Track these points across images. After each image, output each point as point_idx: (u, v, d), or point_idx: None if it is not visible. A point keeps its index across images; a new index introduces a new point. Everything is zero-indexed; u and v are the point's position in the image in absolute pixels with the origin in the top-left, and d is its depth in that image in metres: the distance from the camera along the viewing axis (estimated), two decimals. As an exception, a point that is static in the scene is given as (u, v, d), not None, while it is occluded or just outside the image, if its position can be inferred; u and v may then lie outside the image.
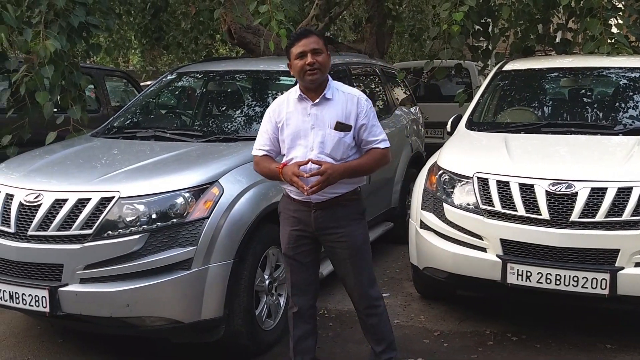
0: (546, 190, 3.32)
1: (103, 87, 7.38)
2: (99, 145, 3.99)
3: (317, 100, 2.71)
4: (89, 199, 3.01)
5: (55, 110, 4.83)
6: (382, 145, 2.77)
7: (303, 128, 2.72)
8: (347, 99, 2.74)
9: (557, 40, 6.16)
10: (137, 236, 2.94)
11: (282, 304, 3.59)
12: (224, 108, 4.88)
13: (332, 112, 2.71)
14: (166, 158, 3.50)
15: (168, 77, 5.03)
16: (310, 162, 2.64)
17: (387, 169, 5.21)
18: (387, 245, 5.48)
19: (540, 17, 6.05)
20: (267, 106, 4.45)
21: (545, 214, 3.28)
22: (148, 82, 13.14)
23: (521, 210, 3.33)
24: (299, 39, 2.70)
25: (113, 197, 3.00)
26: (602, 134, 4.04)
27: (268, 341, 3.44)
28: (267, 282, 3.46)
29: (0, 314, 3.98)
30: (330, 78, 2.79)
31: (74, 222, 2.98)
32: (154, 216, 2.99)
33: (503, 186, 3.43)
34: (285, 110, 2.77)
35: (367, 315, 2.93)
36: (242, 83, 5.04)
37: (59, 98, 4.74)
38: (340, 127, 2.69)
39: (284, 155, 2.80)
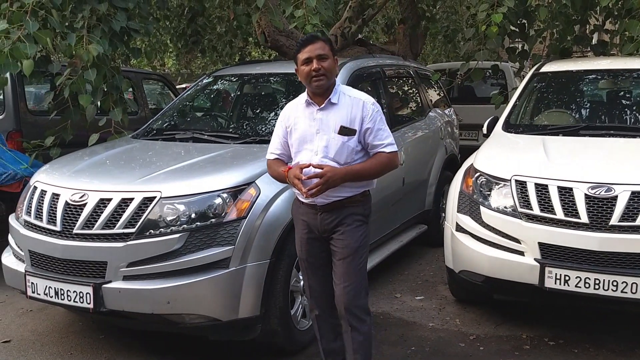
0: (585, 194, 3.28)
1: (141, 89, 7.54)
2: (139, 146, 4.09)
3: (323, 105, 2.73)
4: (132, 199, 3.10)
5: (97, 112, 4.96)
6: (387, 150, 2.74)
7: (309, 133, 2.73)
8: (352, 103, 2.73)
9: (594, 41, 6.06)
10: (177, 235, 3.01)
11: (317, 304, 3.62)
12: (259, 110, 4.94)
13: (337, 116, 2.71)
14: (204, 159, 3.57)
15: (205, 80, 5.11)
16: (311, 166, 2.64)
17: (420, 171, 5.22)
18: (421, 248, 5.46)
19: (578, 19, 5.96)
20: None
21: (584, 218, 3.24)
22: (184, 85, 13.37)
23: (560, 214, 3.30)
24: (304, 45, 2.71)
25: (155, 197, 3.08)
26: (641, 136, 3.97)
27: (303, 341, 3.47)
28: (301, 282, 3.49)
29: (43, 310, 4.12)
30: (338, 82, 2.80)
31: (118, 221, 3.07)
32: (193, 216, 3.06)
33: (541, 189, 3.41)
34: (294, 114, 2.80)
35: (352, 328, 2.74)
36: (276, 85, 5.11)
37: (100, 101, 4.86)
38: (344, 131, 2.69)
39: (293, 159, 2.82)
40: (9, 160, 5.00)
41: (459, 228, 3.78)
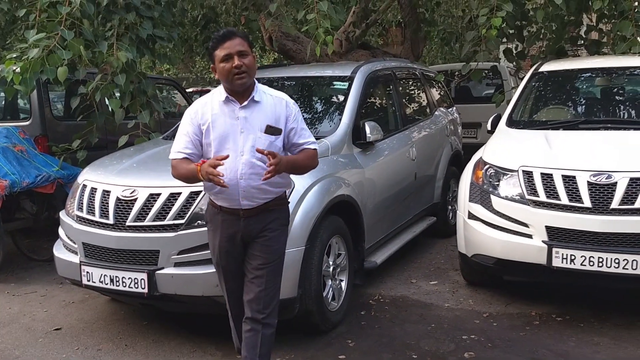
0: (588, 181, 3.63)
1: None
2: (174, 146, 4.37)
3: (246, 103, 2.63)
4: (179, 193, 3.41)
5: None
6: (312, 147, 2.76)
7: (232, 131, 2.62)
8: (275, 102, 2.68)
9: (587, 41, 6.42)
10: (222, 225, 3.30)
11: (343, 288, 3.95)
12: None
13: (262, 115, 2.64)
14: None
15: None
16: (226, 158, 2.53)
17: (430, 166, 5.55)
18: (430, 239, 5.79)
19: (572, 20, 6.32)
20: (319, 110, 4.90)
21: (587, 203, 3.59)
22: (191, 89, 13.66)
23: (565, 200, 3.65)
24: (222, 41, 2.58)
25: (201, 191, 3.37)
26: (635, 129, 4.33)
27: (334, 321, 3.79)
28: (331, 267, 3.82)
29: (85, 302, 4.41)
30: (255, 80, 2.70)
31: (168, 213, 3.38)
32: (236, 207, 3.35)
33: (547, 178, 3.75)
34: (210, 112, 2.65)
35: (264, 325, 2.75)
36: (292, 89, 5.40)
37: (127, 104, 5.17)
38: (271, 130, 2.64)
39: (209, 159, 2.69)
40: (41, 163, 5.29)
41: (471, 216, 4.12)
